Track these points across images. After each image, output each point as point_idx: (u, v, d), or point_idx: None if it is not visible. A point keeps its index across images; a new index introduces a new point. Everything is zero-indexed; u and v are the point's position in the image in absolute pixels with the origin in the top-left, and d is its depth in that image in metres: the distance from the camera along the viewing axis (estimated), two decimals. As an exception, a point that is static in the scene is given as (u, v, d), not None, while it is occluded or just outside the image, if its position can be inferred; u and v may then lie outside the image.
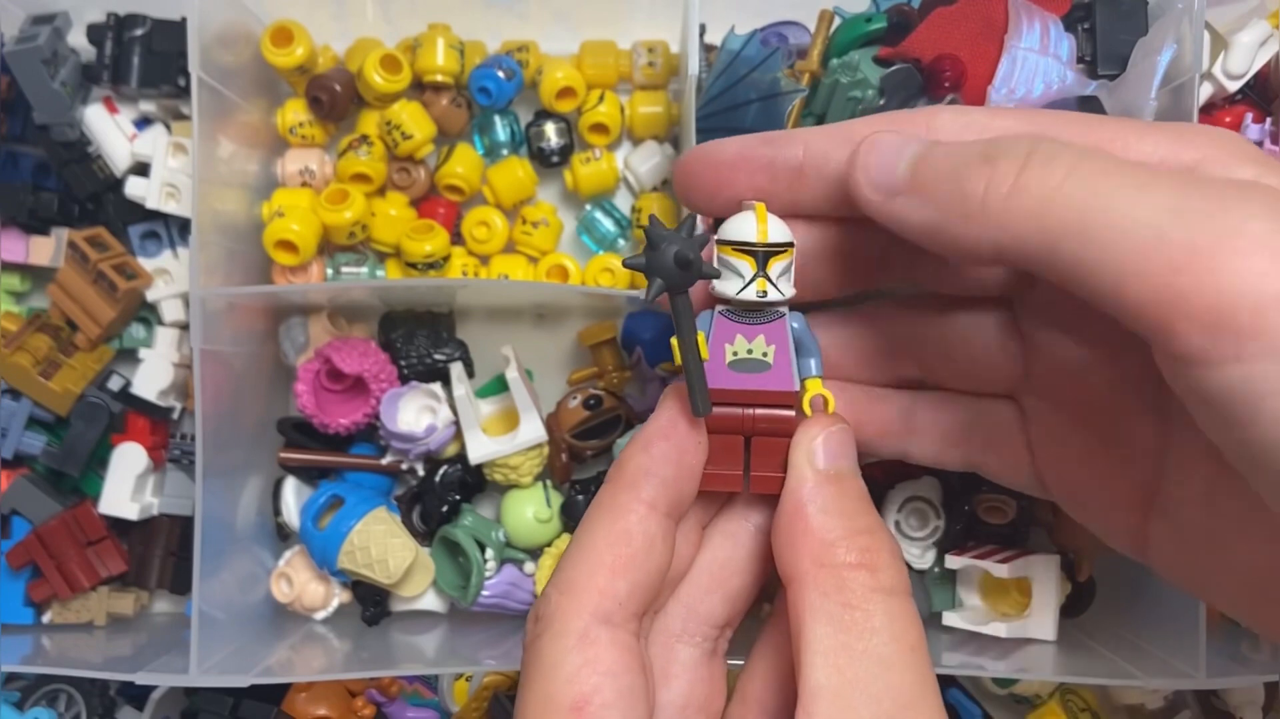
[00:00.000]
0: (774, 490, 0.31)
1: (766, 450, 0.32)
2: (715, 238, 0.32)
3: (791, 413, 0.31)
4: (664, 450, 0.30)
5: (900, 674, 0.26)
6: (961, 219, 0.26)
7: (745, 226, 0.31)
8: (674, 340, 0.31)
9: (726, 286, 0.31)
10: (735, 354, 0.31)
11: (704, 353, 0.31)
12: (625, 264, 0.30)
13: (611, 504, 0.30)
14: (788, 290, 0.31)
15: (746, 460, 0.32)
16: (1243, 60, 0.58)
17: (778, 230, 0.31)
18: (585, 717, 0.26)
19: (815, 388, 0.32)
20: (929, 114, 0.30)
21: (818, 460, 0.30)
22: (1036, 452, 0.34)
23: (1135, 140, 0.27)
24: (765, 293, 0.31)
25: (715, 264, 0.31)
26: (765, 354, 0.31)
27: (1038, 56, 0.53)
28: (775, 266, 0.31)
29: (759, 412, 0.31)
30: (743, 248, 0.31)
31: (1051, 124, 0.29)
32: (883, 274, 0.35)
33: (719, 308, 0.32)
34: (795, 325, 0.32)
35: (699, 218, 0.38)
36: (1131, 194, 0.23)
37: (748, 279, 0.31)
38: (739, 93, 0.58)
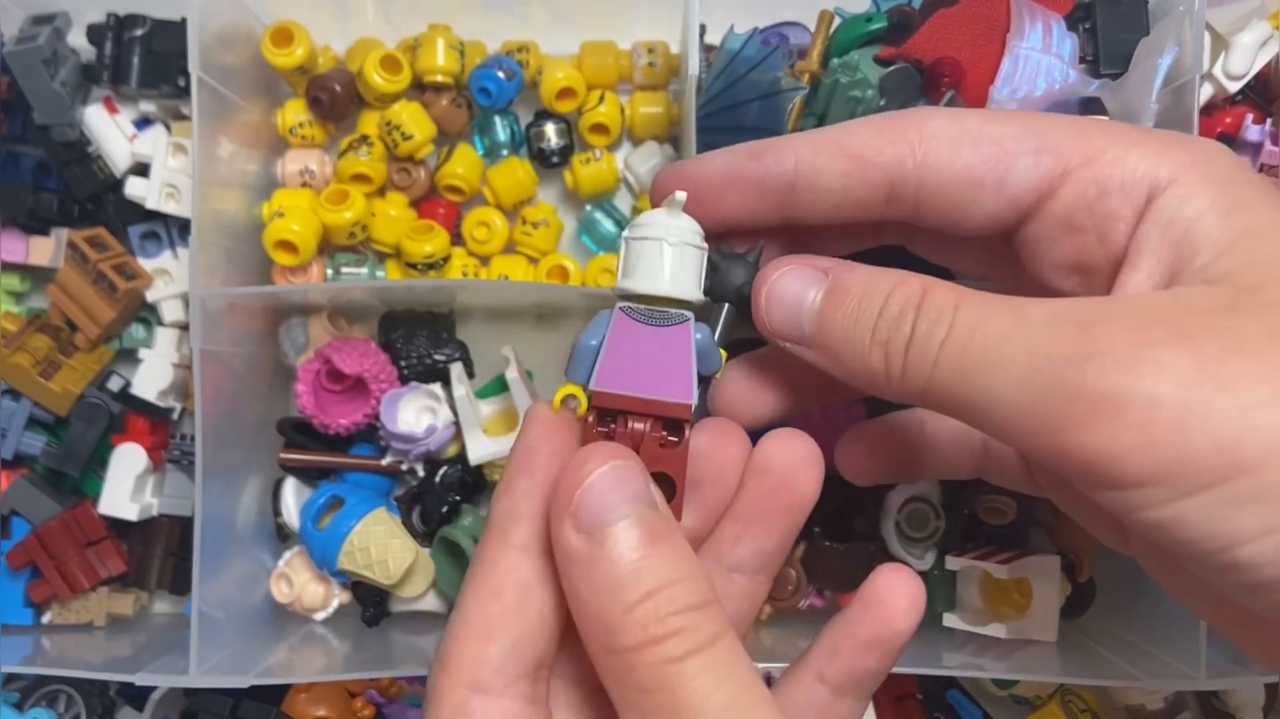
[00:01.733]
0: None
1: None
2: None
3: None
4: (526, 488, 0.27)
5: None
6: (869, 385, 0.28)
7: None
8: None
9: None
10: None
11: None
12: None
13: (480, 557, 0.27)
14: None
15: None
16: (1243, 61, 0.58)
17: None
18: None
19: (573, 388, 0.29)
20: (920, 118, 0.29)
21: (577, 523, 0.25)
22: None
23: (1124, 153, 0.27)
24: None
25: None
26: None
27: (1040, 55, 0.52)
28: None
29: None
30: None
31: (1048, 128, 0.28)
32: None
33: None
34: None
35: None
36: (988, 371, 0.25)
37: None
38: (739, 92, 0.58)
